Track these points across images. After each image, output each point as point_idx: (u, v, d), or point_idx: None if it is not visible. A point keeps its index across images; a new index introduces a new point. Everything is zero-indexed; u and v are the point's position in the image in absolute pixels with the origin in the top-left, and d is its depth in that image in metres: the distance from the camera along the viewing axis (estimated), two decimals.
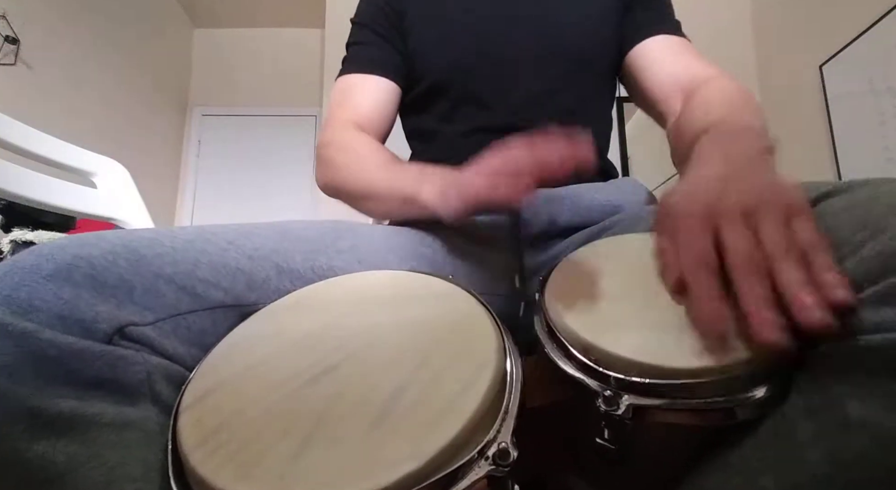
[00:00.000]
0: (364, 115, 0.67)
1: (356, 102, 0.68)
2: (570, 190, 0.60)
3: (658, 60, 0.66)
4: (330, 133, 0.66)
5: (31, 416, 0.25)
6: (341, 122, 0.66)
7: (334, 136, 0.65)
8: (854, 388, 0.25)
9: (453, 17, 0.69)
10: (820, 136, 2.27)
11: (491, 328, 0.32)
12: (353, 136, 0.64)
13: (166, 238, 0.36)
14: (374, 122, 0.68)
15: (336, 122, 0.67)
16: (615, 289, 0.37)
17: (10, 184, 0.86)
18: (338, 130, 0.66)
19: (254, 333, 0.36)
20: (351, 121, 0.66)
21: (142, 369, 0.30)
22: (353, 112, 0.67)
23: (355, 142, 0.63)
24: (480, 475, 0.24)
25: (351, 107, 0.68)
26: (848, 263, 0.28)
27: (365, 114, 0.67)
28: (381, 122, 0.69)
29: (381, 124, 0.69)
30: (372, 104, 0.68)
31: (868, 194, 0.30)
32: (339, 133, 0.65)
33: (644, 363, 0.30)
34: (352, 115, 0.67)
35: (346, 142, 0.64)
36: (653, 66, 0.66)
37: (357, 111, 0.67)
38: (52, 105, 2.48)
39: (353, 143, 0.63)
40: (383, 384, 0.28)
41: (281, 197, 3.56)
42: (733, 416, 0.29)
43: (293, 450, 0.25)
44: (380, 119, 0.69)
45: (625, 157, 2.63)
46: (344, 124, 0.66)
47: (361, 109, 0.68)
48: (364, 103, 0.68)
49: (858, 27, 2.08)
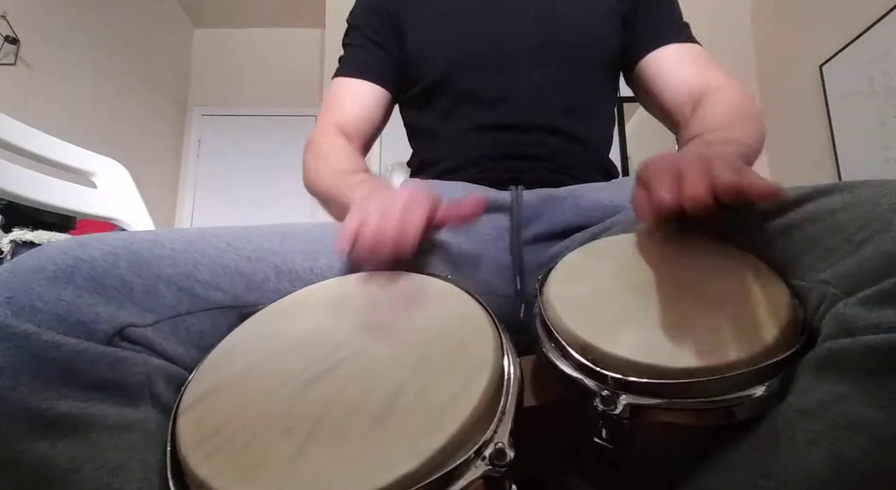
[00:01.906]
0: (348, 119, 0.69)
1: (342, 106, 0.70)
2: (570, 190, 0.60)
3: (669, 70, 0.66)
4: (314, 135, 0.69)
5: (32, 418, 0.25)
6: (325, 125, 0.69)
7: (314, 138, 0.68)
8: (854, 388, 0.25)
9: (451, 15, 0.69)
10: (820, 136, 2.27)
11: (489, 328, 0.32)
12: (329, 141, 0.66)
13: (166, 239, 0.36)
14: (357, 127, 0.70)
15: (321, 124, 0.70)
16: (614, 289, 0.37)
17: (10, 184, 0.86)
18: (320, 133, 0.68)
19: (253, 334, 0.36)
20: (335, 124, 0.69)
21: (142, 370, 0.30)
22: (338, 116, 0.70)
23: (328, 146, 0.66)
24: (477, 475, 0.24)
25: (336, 111, 0.70)
26: (848, 262, 0.28)
27: (350, 118, 0.69)
28: (365, 127, 0.71)
29: (366, 129, 0.71)
30: (357, 109, 0.70)
31: (868, 194, 0.30)
32: (320, 136, 0.68)
33: (642, 363, 0.30)
34: (337, 118, 0.69)
35: (320, 145, 0.66)
36: (664, 75, 0.67)
37: (342, 115, 0.70)
38: (52, 105, 2.48)
39: (326, 148, 0.66)
40: (381, 385, 0.28)
41: (281, 197, 3.55)
42: (731, 415, 0.29)
43: (292, 451, 0.25)
44: (364, 123, 0.71)
45: (625, 157, 2.63)
46: (327, 127, 0.68)
47: (346, 113, 0.70)
48: (350, 108, 0.70)
49: (858, 27, 2.08)
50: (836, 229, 0.30)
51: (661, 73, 0.67)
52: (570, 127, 0.65)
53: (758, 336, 0.30)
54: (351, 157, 0.64)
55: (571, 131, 0.65)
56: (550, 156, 0.64)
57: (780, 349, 0.29)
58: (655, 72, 0.67)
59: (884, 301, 0.25)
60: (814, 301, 0.30)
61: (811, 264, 0.31)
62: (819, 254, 0.31)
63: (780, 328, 0.30)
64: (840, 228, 0.30)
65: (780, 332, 0.30)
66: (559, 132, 0.65)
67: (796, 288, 0.32)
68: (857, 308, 0.26)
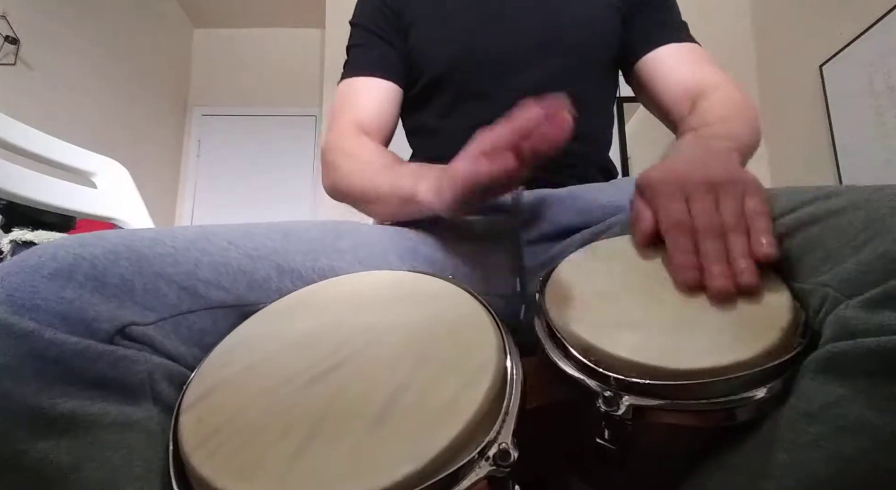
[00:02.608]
0: (367, 118, 0.68)
1: (359, 105, 0.69)
2: (571, 190, 0.60)
3: (667, 69, 0.67)
4: (334, 137, 0.67)
5: (33, 416, 0.25)
6: (345, 126, 0.67)
7: (339, 140, 0.66)
8: (854, 390, 0.25)
9: (452, 13, 0.69)
10: (820, 136, 2.27)
11: (491, 328, 0.32)
12: (357, 141, 0.65)
13: (167, 238, 0.36)
14: (377, 125, 0.69)
15: (340, 125, 0.68)
16: (615, 289, 0.37)
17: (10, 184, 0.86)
18: (342, 135, 0.67)
19: (254, 333, 0.36)
20: (354, 124, 0.67)
21: (143, 369, 0.30)
22: (356, 115, 0.68)
23: (359, 146, 0.64)
24: (481, 476, 0.24)
25: (354, 110, 0.69)
26: (849, 264, 0.28)
27: (368, 116, 0.68)
28: (384, 124, 0.70)
29: (385, 126, 0.70)
30: (374, 106, 0.69)
31: (869, 197, 0.30)
32: (344, 137, 0.66)
33: (644, 364, 0.30)
34: (355, 118, 0.68)
35: (350, 146, 0.65)
36: (663, 74, 0.67)
37: (360, 114, 0.68)
38: (52, 105, 2.48)
39: (357, 148, 0.64)
40: (383, 384, 0.28)
41: (281, 197, 3.56)
42: (733, 417, 0.29)
43: (294, 450, 0.25)
44: (383, 121, 0.70)
45: (625, 157, 2.63)
46: (348, 128, 0.67)
47: (364, 112, 0.68)
48: (367, 106, 0.69)
49: (858, 27, 2.08)
50: (837, 232, 0.30)
51: (659, 72, 0.67)
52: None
53: (760, 338, 0.30)
54: (385, 152, 0.63)
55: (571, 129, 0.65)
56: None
57: (781, 351, 0.29)
58: (654, 71, 0.68)
59: (884, 304, 0.25)
60: (815, 303, 0.30)
61: (812, 267, 0.31)
62: (820, 256, 0.31)
63: (781, 330, 0.30)
64: (841, 231, 0.30)
65: (781, 334, 0.30)
66: None
67: (798, 290, 0.32)
68: (857, 311, 0.26)
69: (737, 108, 0.59)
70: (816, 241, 0.31)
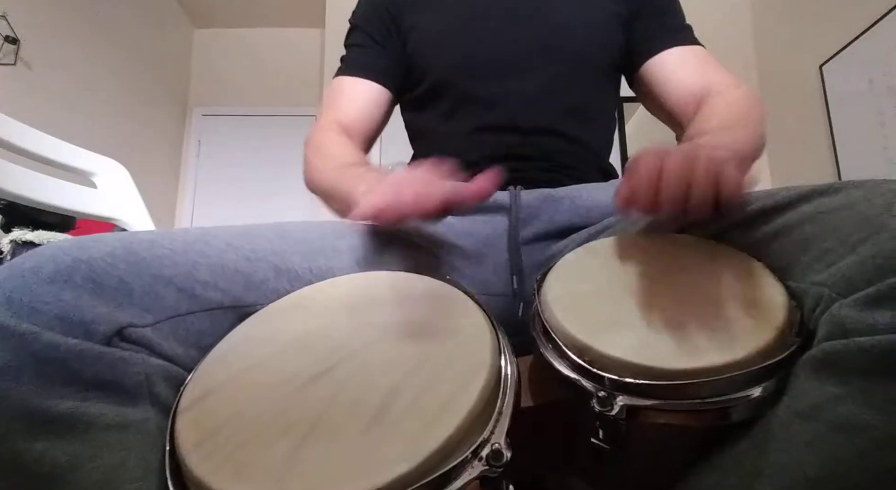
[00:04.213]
0: (350, 118, 0.69)
1: (344, 105, 0.70)
2: (569, 190, 0.60)
3: (672, 73, 0.67)
4: (314, 133, 0.68)
5: (32, 417, 0.26)
6: (326, 123, 0.68)
7: (314, 135, 0.68)
8: (849, 389, 0.25)
9: (453, 18, 0.69)
10: (820, 136, 2.27)
11: (487, 329, 0.32)
12: (330, 137, 0.66)
13: (165, 240, 0.36)
14: (359, 126, 0.70)
15: (322, 122, 0.69)
16: (611, 290, 0.38)
17: (10, 184, 0.86)
18: (321, 131, 0.68)
19: (252, 335, 0.36)
20: (336, 122, 0.68)
21: (141, 370, 0.30)
22: (339, 114, 0.69)
23: (332, 145, 0.65)
24: (473, 475, 0.24)
25: (338, 109, 0.70)
26: (843, 263, 0.28)
27: (351, 116, 0.69)
28: (366, 126, 0.71)
29: (367, 128, 0.71)
30: (359, 107, 0.70)
31: (863, 194, 0.30)
32: (320, 133, 0.67)
33: (638, 364, 0.30)
34: (338, 116, 0.69)
35: (321, 142, 0.66)
36: (668, 79, 0.67)
37: (343, 113, 0.69)
38: (52, 105, 2.48)
39: (330, 146, 0.65)
40: (379, 385, 0.28)
41: (281, 197, 3.55)
42: (727, 416, 0.29)
43: (289, 451, 0.25)
44: (365, 122, 0.70)
45: (625, 157, 2.63)
46: (328, 125, 0.68)
47: (348, 112, 0.69)
48: (351, 106, 0.70)
49: (858, 27, 2.08)
50: (832, 231, 0.30)
51: (664, 77, 0.67)
52: (571, 129, 0.65)
53: (754, 337, 0.30)
54: (352, 152, 0.64)
55: (572, 133, 0.65)
56: (551, 157, 0.64)
57: (776, 351, 0.29)
58: (659, 75, 0.67)
59: (878, 303, 0.25)
60: (810, 303, 0.30)
61: (807, 266, 0.31)
62: (815, 255, 0.31)
63: (776, 330, 0.30)
64: (835, 230, 0.30)
65: (776, 333, 0.30)
66: (560, 134, 0.65)
67: (793, 289, 0.32)
68: (852, 310, 0.26)
69: (738, 114, 0.58)
70: (811, 240, 0.32)
